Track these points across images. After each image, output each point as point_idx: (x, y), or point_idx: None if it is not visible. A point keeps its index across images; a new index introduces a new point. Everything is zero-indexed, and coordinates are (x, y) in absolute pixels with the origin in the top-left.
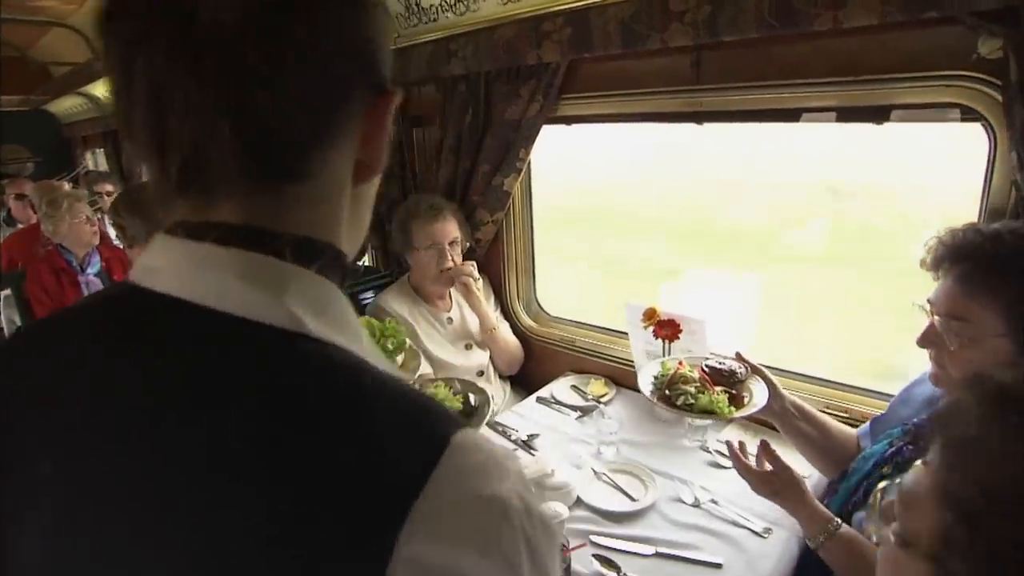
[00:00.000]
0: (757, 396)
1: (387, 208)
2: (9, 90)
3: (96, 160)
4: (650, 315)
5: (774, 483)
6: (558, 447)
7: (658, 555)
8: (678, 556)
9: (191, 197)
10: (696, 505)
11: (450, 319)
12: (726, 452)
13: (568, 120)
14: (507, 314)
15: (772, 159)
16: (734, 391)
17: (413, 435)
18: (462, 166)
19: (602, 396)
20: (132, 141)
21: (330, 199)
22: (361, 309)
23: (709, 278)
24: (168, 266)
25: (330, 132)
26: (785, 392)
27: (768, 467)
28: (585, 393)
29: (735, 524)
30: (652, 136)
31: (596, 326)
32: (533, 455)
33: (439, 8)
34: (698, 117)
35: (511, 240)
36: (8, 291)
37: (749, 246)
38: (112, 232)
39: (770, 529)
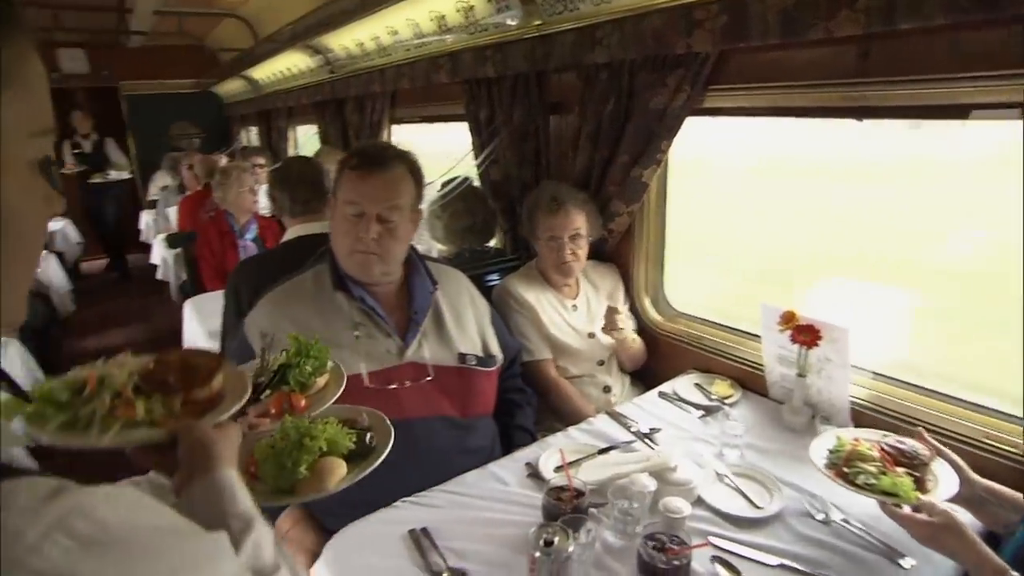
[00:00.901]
0: (945, 481)
1: (520, 192)
2: (184, 74)
3: (249, 137)
4: (788, 318)
5: (933, 527)
6: (679, 444)
7: (783, 567)
8: (805, 572)
9: None
10: (826, 522)
11: (575, 306)
12: None
13: (714, 112)
14: (633, 308)
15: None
16: (918, 474)
17: None
18: (600, 155)
19: (727, 397)
20: None
21: None
22: (487, 291)
23: (850, 286)
24: None
25: None
26: (974, 476)
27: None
28: (709, 392)
29: (869, 549)
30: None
31: (724, 325)
32: (654, 448)
33: None
34: (859, 112)
35: (644, 232)
36: (179, 250)
37: (894, 253)
38: (263, 202)
39: (912, 561)
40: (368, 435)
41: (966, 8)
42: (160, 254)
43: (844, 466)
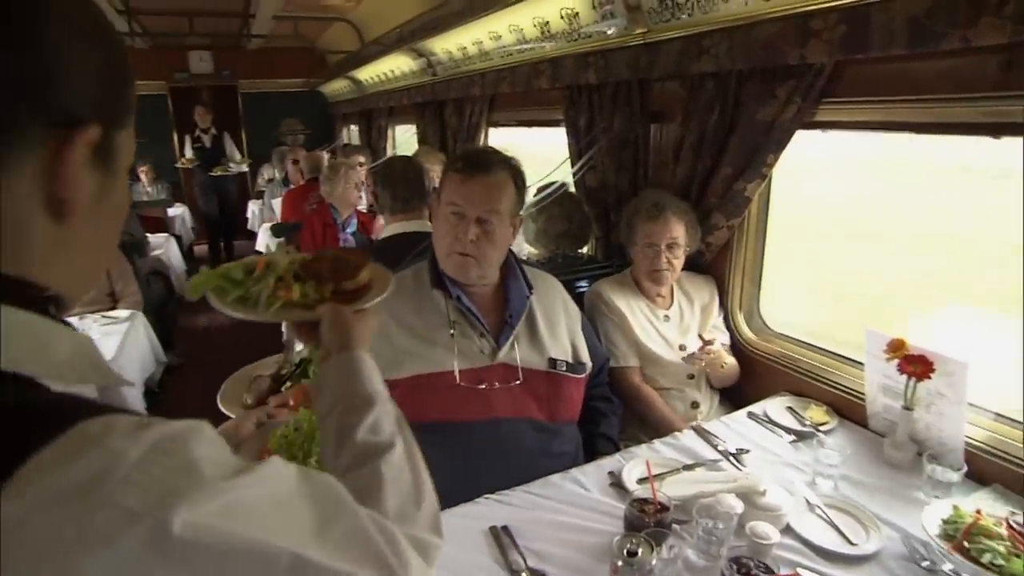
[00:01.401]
0: None
1: (615, 199)
2: (295, 74)
3: (349, 134)
4: (897, 346)
5: None
6: (768, 468)
7: None
8: None
9: None
10: (932, 571)
11: (667, 317)
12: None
13: (826, 126)
14: (727, 323)
15: None
16: None
17: None
18: (702, 166)
19: (822, 424)
20: None
21: (6, 234)
22: (577, 297)
23: (968, 316)
24: None
25: None
26: None
27: None
28: (802, 417)
29: None
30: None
31: (822, 348)
32: (741, 470)
33: (694, 4)
34: (997, 129)
35: (742, 247)
36: (282, 239)
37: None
38: (363, 198)
39: None
40: None
41: None
42: (265, 242)
43: (964, 540)
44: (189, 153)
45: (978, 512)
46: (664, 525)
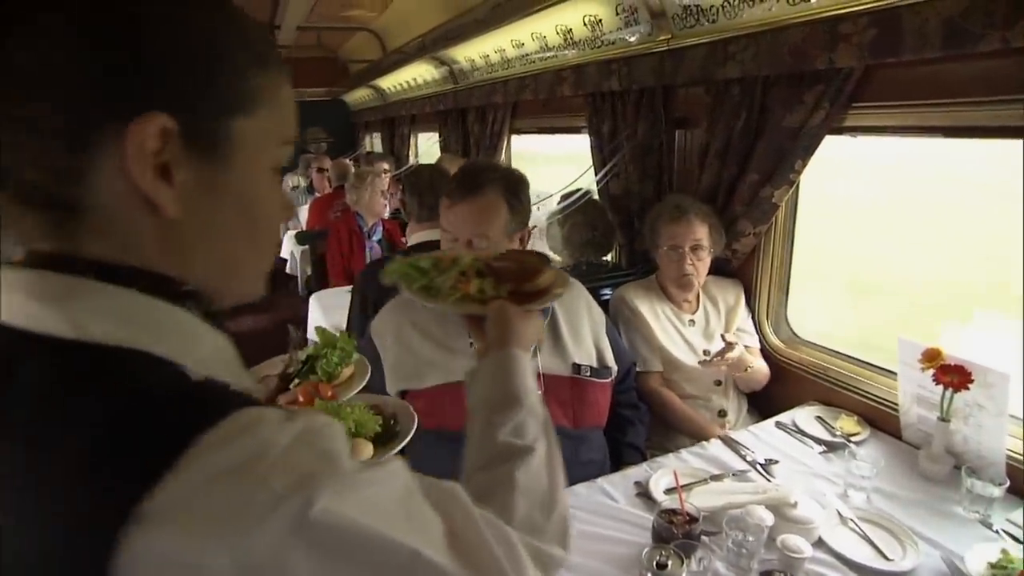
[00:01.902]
0: None
1: (639, 206)
2: (318, 83)
3: (372, 142)
4: (932, 356)
5: None
6: (798, 479)
7: None
8: None
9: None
10: None
11: (692, 321)
12: (1018, 536)
13: (855, 131)
14: (755, 328)
15: None
16: None
17: (147, 436)
18: (727, 173)
19: (853, 435)
20: None
21: (119, 229)
22: (603, 304)
23: (1002, 324)
24: None
25: (71, 166)
26: None
27: None
28: (833, 428)
29: None
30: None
31: (853, 357)
32: (770, 480)
33: (719, 9)
34: None
35: (769, 253)
36: (306, 247)
37: None
38: (387, 205)
39: None
40: (392, 420)
41: None
42: (289, 249)
43: None
44: None
45: None
46: (693, 537)
